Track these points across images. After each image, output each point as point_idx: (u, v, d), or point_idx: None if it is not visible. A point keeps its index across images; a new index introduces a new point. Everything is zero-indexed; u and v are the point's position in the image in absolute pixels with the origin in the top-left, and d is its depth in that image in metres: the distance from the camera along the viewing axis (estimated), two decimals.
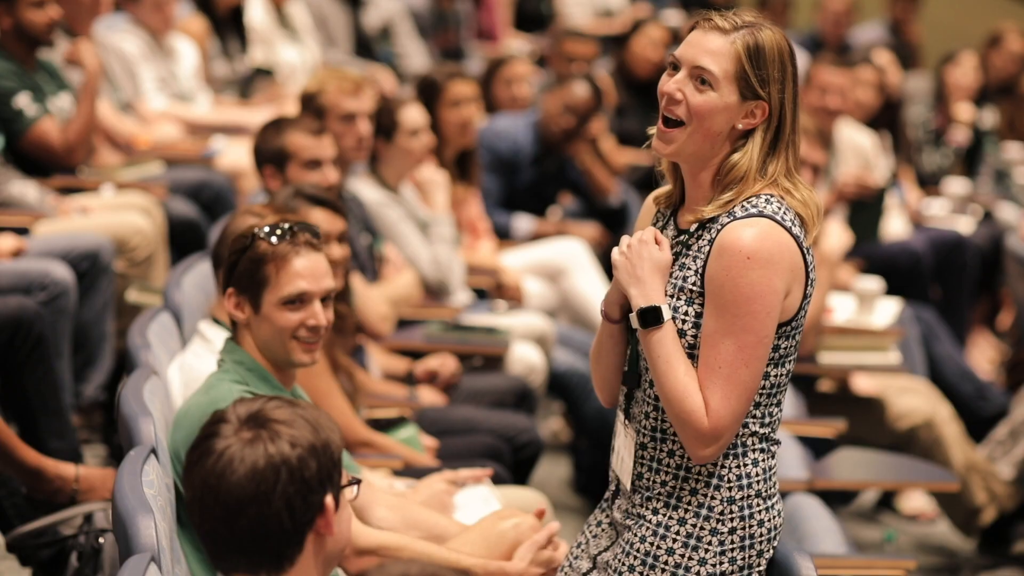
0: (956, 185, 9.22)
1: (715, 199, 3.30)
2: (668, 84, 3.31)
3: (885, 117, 9.04)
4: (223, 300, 3.96)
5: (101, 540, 4.27)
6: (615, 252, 3.34)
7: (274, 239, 3.87)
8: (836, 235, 6.70)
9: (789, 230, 3.24)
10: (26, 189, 6.02)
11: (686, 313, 3.28)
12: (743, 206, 3.26)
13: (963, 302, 8.57)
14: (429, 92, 7.14)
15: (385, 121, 6.52)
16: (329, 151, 5.57)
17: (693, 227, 3.33)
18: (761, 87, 3.27)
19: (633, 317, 3.30)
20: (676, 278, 3.31)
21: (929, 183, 9.60)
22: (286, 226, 3.91)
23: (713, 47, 3.27)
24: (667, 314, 3.26)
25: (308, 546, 2.67)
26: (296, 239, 3.88)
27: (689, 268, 3.30)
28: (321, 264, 3.92)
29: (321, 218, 4.89)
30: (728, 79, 3.26)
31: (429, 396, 5.68)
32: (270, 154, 5.54)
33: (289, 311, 3.87)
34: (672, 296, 3.30)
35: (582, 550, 3.52)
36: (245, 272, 3.88)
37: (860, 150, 8.28)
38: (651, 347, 3.27)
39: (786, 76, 3.29)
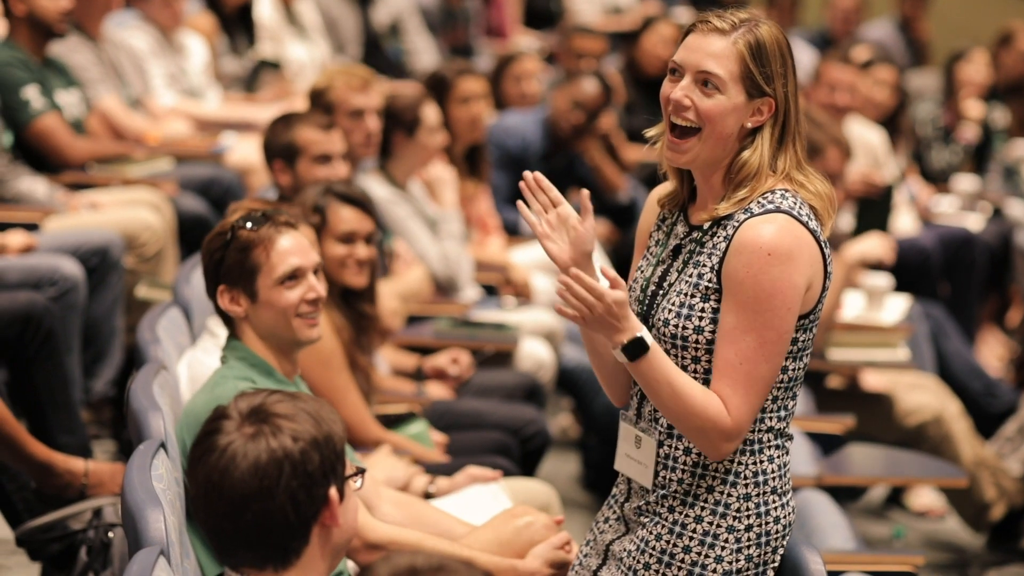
0: (965, 182, 9.21)
1: (728, 197, 3.30)
2: (674, 91, 3.30)
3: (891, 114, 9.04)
4: (212, 299, 3.97)
5: (110, 535, 4.29)
6: (576, 316, 3.22)
7: (255, 226, 3.90)
8: (872, 243, 6.64)
9: (806, 224, 3.24)
10: (35, 185, 6.03)
11: (703, 310, 3.28)
12: (759, 202, 3.26)
13: (972, 299, 8.57)
14: (439, 88, 7.15)
15: (408, 117, 6.53)
16: (339, 146, 5.58)
17: (707, 224, 3.33)
18: (766, 84, 3.27)
19: (618, 353, 3.24)
20: (691, 276, 3.31)
21: (938, 180, 9.58)
22: (259, 213, 3.95)
23: (715, 50, 3.27)
24: (649, 338, 3.23)
25: (314, 539, 2.67)
26: (276, 221, 3.93)
27: (704, 265, 3.29)
28: (304, 240, 3.98)
29: (351, 217, 4.93)
30: (734, 80, 3.26)
31: (438, 391, 5.68)
32: (279, 149, 5.55)
33: (287, 289, 3.91)
34: (688, 294, 3.30)
35: (591, 548, 3.52)
36: (235, 264, 3.91)
37: (869, 147, 8.27)
38: (646, 375, 3.24)
39: (787, 69, 3.29)
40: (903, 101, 9.20)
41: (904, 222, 8.35)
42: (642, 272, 3.43)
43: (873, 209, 7.84)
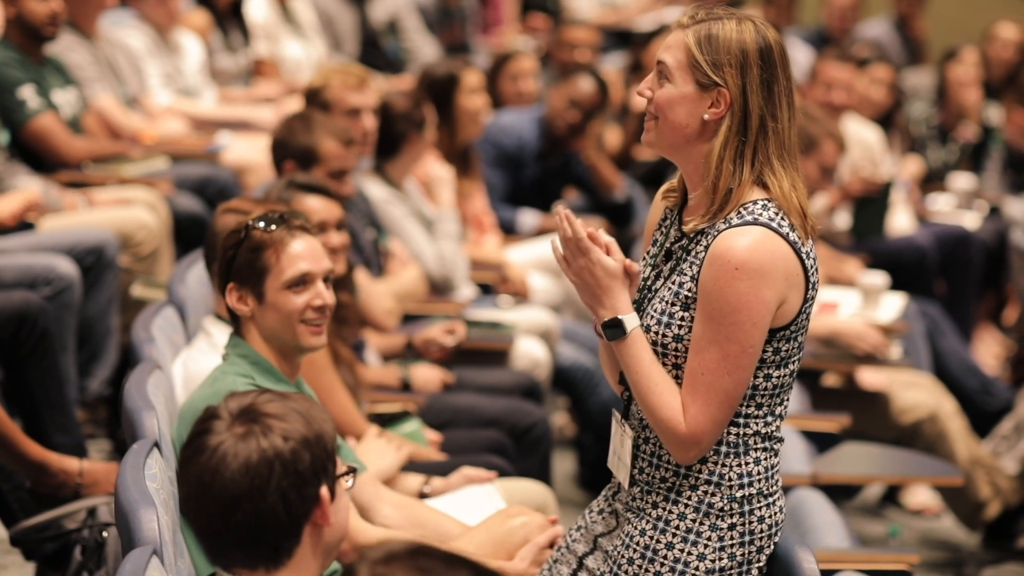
0: (962, 180, 9.22)
1: (702, 203, 3.30)
2: (640, 83, 3.36)
3: (887, 113, 9.06)
4: (223, 296, 3.97)
5: (104, 534, 4.29)
6: (573, 277, 3.31)
7: (270, 227, 3.90)
8: (867, 330, 6.46)
9: (786, 237, 3.23)
10: (31, 184, 6.03)
11: (683, 319, 3.28)
12: (739, 212, 3.26)
13: (968, 297, 8.57)
14: (446, 83, 7.16)
15: (417, 116, 6.55)
16: (354, 163, 5.59)
17: (692, 233, 3.33)
18: (713, 72, 3.26)
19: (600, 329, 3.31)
20: (674, 283, 3.32)
21: (934, 179, 9.59)
22: (276, 214, 3.94)
23: (671, 41, 3.32)
24: (630, 324, 3.27)
25: (305, 538, 2.67)
26: (290, 224, 3.92)
27: (685, 274, 3.30)
28: (317, 245, 3.96)
29: (318, 205, 4.89)
30: (681, 68, 3.28)
31: (426, 375, 5.63)
32: (296, 150, 5.50)
33: (294, 294, 3.89)
34: (670, 302, 3.31)
35: (580, 534, 3.53)
36: (245, 263, 3.89)
37: (866, 145, 8.27)
38: (621, 357, 3.30)
39: (747, 63, 3.25)
40: (899, 100, 9.21)
41: (901, 220, 8.35)
42: (639, 272, 3.44)
43: (870, 208, 7.84)
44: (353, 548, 3.82)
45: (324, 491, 2.67)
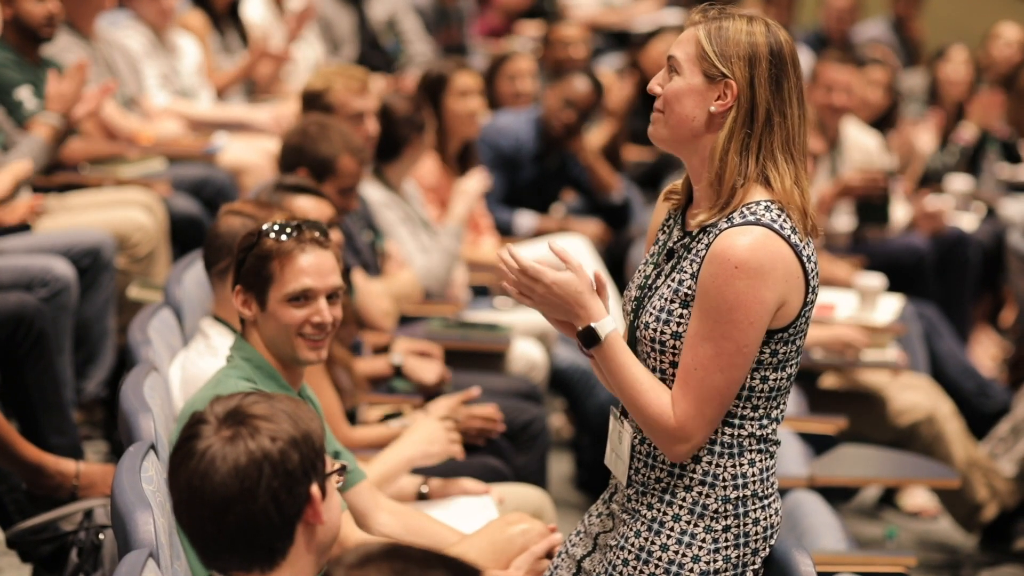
0: (959, 182, 9.21)
1: (713, 200, 3.30)
2: (651, 81, 3.38)
3: (884, 114, 9.06)
4: (230, 297, 3.95)
5: (101, 536, 4.29)
6: (539, 307, 3.30)
7: (281, 236, 3.85)
8: (852, 330, 6.44)
9: (787, 239, 3.23)
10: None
11: (681, 316, 3.29)
12: (742, 212, 3.26)
13: (965, 299, 8.56)
14: (436, 84, 7.16)
15: (418, 119, 6.56)
16: (361, 180, 5.59)
17: (695, 231, 3.34)
18: (721, 63, 3.27)
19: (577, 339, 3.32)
20: (674, 281, 3.32)
21: (931, 180, 9.58)
22: (294, 223, 3.89)
23: (682, 37, 3.34)
24: (603, 329, 3.27)
25: (299, 537, 2.67)
26: (303, 236, 3.86)
27: (685, 272, 3.31)
28: (327, 262, 3.89)
29: (309, 205, 4.87)
30: (690, 61, 3.30)
31: (420, 363, 5.61)
32: (313, 159, 5.47)
33: (294, 308, 3.85)
34: (669, 299, 3.31)
35: (580, 538, 3.53)
36: (251, 269, 3.86)
37: (864, 149, 8.27)
38: (601, 364, 3.30)
39: (756, 57, 3.27)
40: (895, 101, 9.22)
41: (899, 213, 8.34)
42: (641, 271, 3.45)
43: (872, 205, 7.85)
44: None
45: (315, 489, 2.67)
